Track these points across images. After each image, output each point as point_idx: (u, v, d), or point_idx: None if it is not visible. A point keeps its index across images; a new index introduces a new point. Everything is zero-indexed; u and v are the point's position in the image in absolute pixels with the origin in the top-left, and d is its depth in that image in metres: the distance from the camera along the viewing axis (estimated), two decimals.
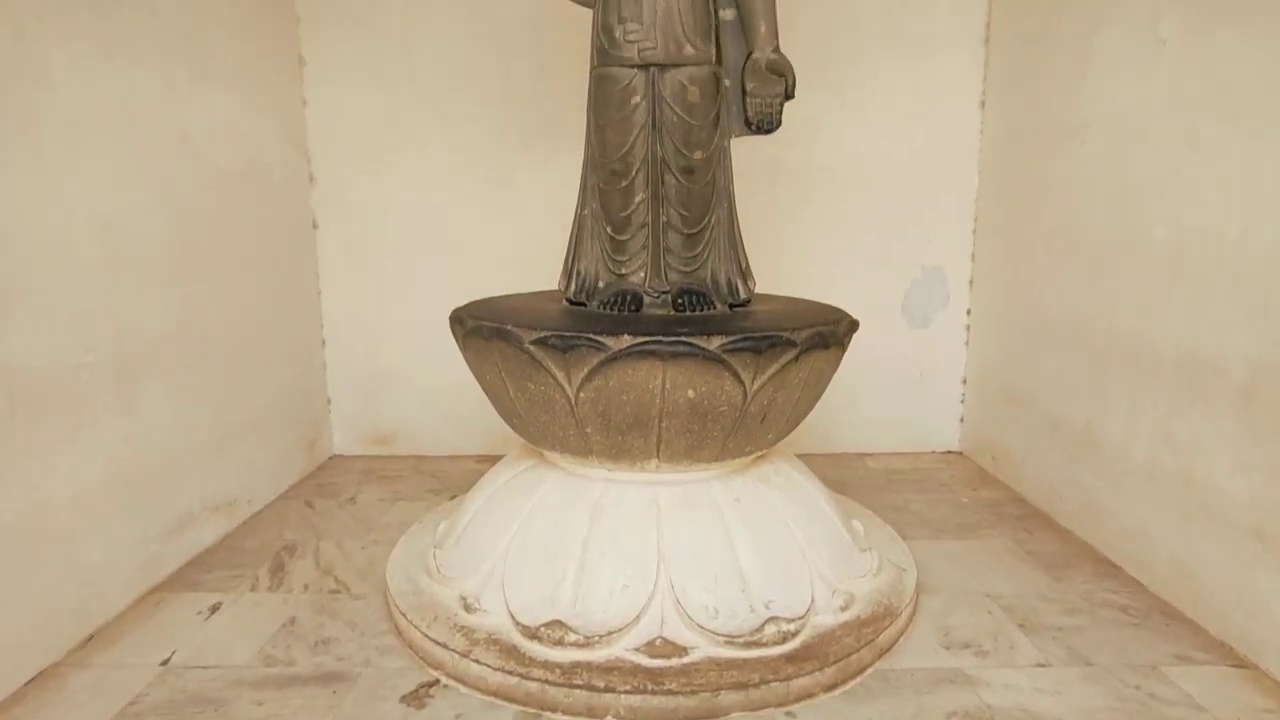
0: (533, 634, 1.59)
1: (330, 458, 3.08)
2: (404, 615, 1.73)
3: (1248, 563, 1.70)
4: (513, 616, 1.63)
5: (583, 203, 1.89)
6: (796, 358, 1.60)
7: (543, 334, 1.55)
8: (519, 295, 2.12)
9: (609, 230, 1.82)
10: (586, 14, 1.88)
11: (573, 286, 1.88)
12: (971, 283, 3.04)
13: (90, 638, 1.77)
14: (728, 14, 1.83)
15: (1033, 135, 2.59)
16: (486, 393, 1.82)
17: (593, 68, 1.79)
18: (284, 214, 2.73)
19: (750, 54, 1.80)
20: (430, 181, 2.92)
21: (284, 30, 2.74)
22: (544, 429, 1.70)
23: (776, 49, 1.80)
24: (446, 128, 2.89)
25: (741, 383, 1.55)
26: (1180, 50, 1.91)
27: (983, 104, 2.92)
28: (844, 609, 1.71)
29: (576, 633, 1.58)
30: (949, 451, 3.16)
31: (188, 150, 2.15)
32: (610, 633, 1.58)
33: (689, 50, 1.71)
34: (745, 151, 2.04)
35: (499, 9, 2.78)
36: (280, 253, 2.71)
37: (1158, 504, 1.99)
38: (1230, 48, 1.75)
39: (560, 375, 1.56)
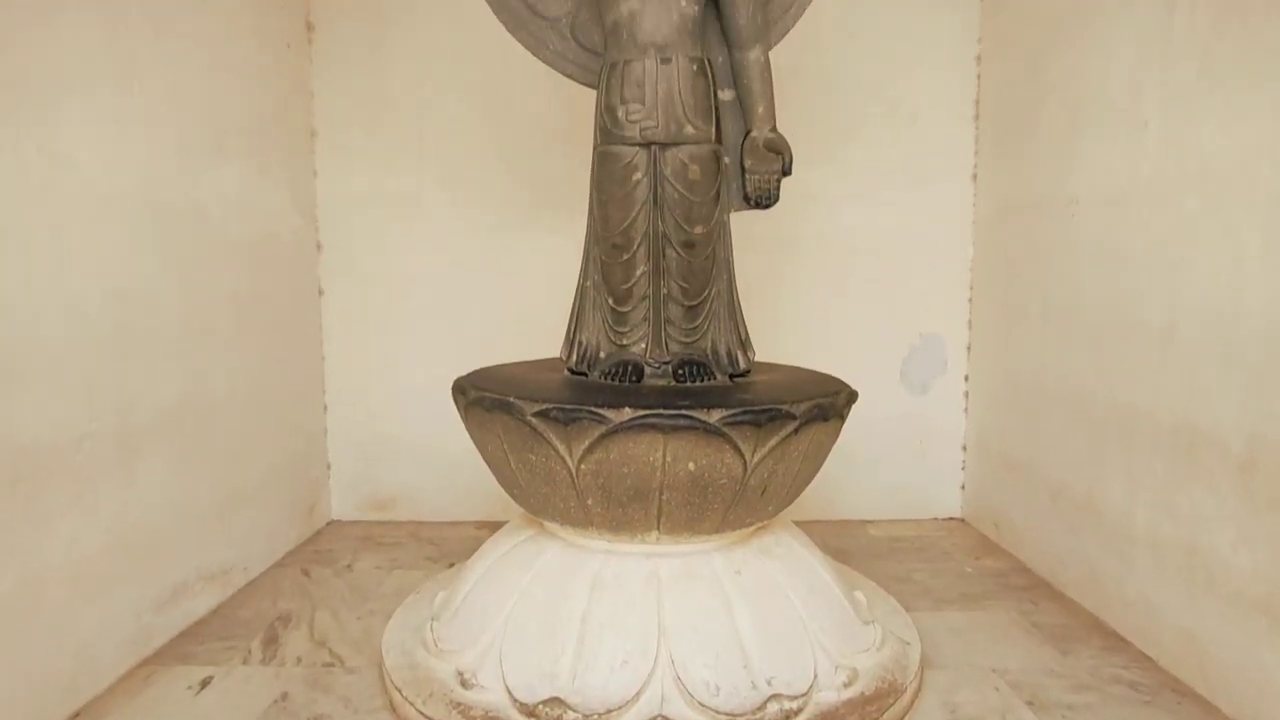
0: (530, 712, 1.56)
1: (328, 523, 3.05)
2: (399, 690, 1.69)
3: (1257, 638, 1.67)
4: (510, 693, 1.60)
5: (585, 274, 1.92)
6: (796, 430, 1.61)
7: (544, 406, 1.56)
8: (521, 364, 2.14)
9: (611, 302, 1.85)
10: (590, 91, 1.96)
11: (574, 356, 1.91)
12: (969, 349, 3.07)
13: (77, 714, 1.73)
14: (726, 95, 1.90)
15: (1024, 208, 2.66)
16: (488, 463, 1.82)
17: (596, 145, 1.85)
18: (291, 281, 2.78)
19: (749, 133, 1.87)
20: (435, 249, 2.98)
21: (297, 104, 2.83)
22: (545, 500, 1.70)
23: (774, 128, 1.87)
24: (452, 197, 2.96)
25: (742, 455, 1.56)
26: (1162, 131, 1.97)
27: (974, 176, 3.00)
28: (847, 685, 1.68)
29: (575, 710, 1.55)
30: (950, 518, 3.14)
31: (201, 221, 2.21)
32: (610, 710, 1.54)
33: (689, 130, 1.77)
34: (744, 222, 2.09)
35: (505, 84, 2.88)
36: (286, 319, 2.74)
37: (1163, 576, 1.97)
38: (1209, 129, 1.82)
39: (562, 447, 1.57)
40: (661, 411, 1.52)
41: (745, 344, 1.94)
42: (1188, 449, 1.88)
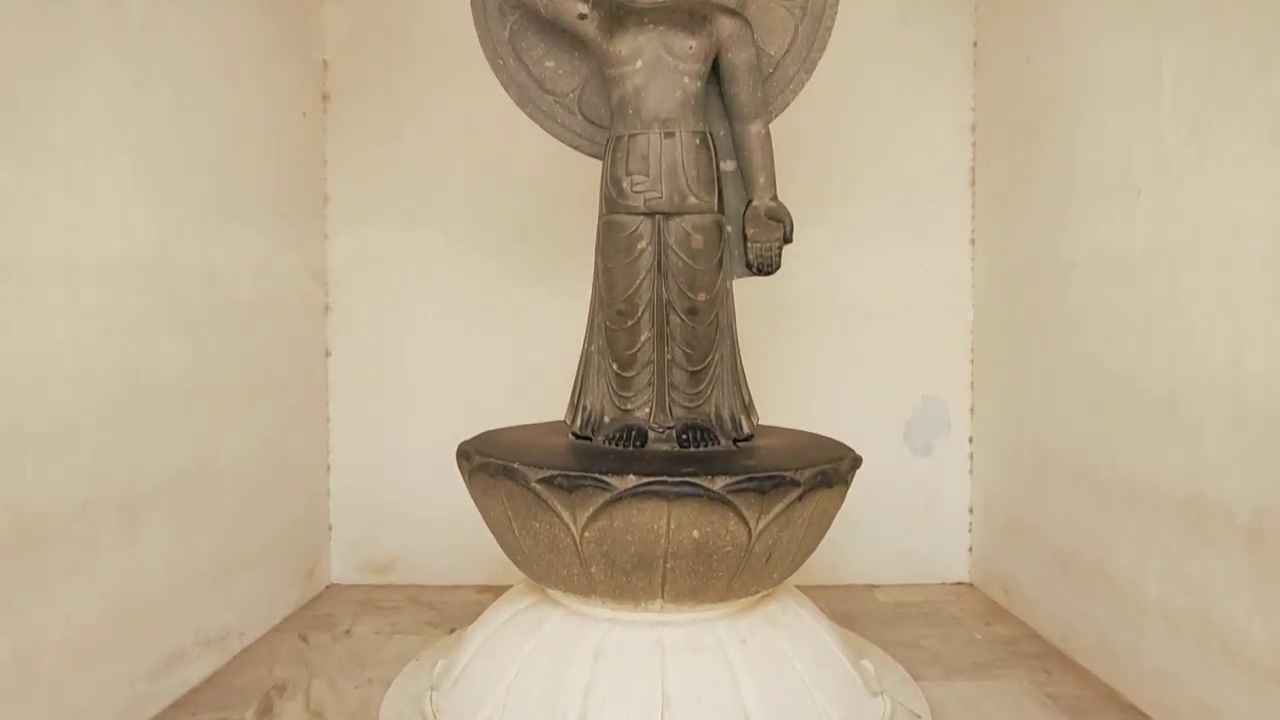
0: None
1: (328, 586, 3.02)
2: None
3: (1277, 711, 1.63)
4: None
5: (590, 339, 1.95)
6: (800, 497, 1.61)
7: (549, 473, 1.56)
8: (525, 427, 2.15)
9: (615, 367, 1.87)
10: (595, 160, 2.01)
11: (579, 421, 1.92)
12: (972, 411, 3.07)
13: None
14: (728, 165, 1.96)
15: (1022, 273, 2.70)
16: (491, 529, 1.81)
17: (601, 214, 1.90)
18: (298, 342, 2.81)
19: (750, 202, 1.92)
20: (442, 312, 3.02)
21: (311, 170, 2.91)
22: (548, 567, 1.68)
23: (775, 197, 1.92)
24: (460, 261, 3.02)
25: (746, 523, 1.55)
26: (1154, 199, 2.01)
27: (972, 241, 3.05)
28: None
29: None
30: (959, 583, 3.09)
31: (212, 285, 2.25)
32: None
33: (692, 200, 1.81)
34: (747, 286, 2.12)
35: (513, 153, 2.95)
36: (292, 381, 2.76)
37: (1178, 646, 1.93)
38: (1201, 197, 1.86)
39: (566, 514, 1.56)
40: (665, 479, 1.52)
41: (749, 408, 1.95)
42: (1196, 517, 1.86)
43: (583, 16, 1.84)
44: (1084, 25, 2.33)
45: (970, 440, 3.08)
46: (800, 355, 3.03)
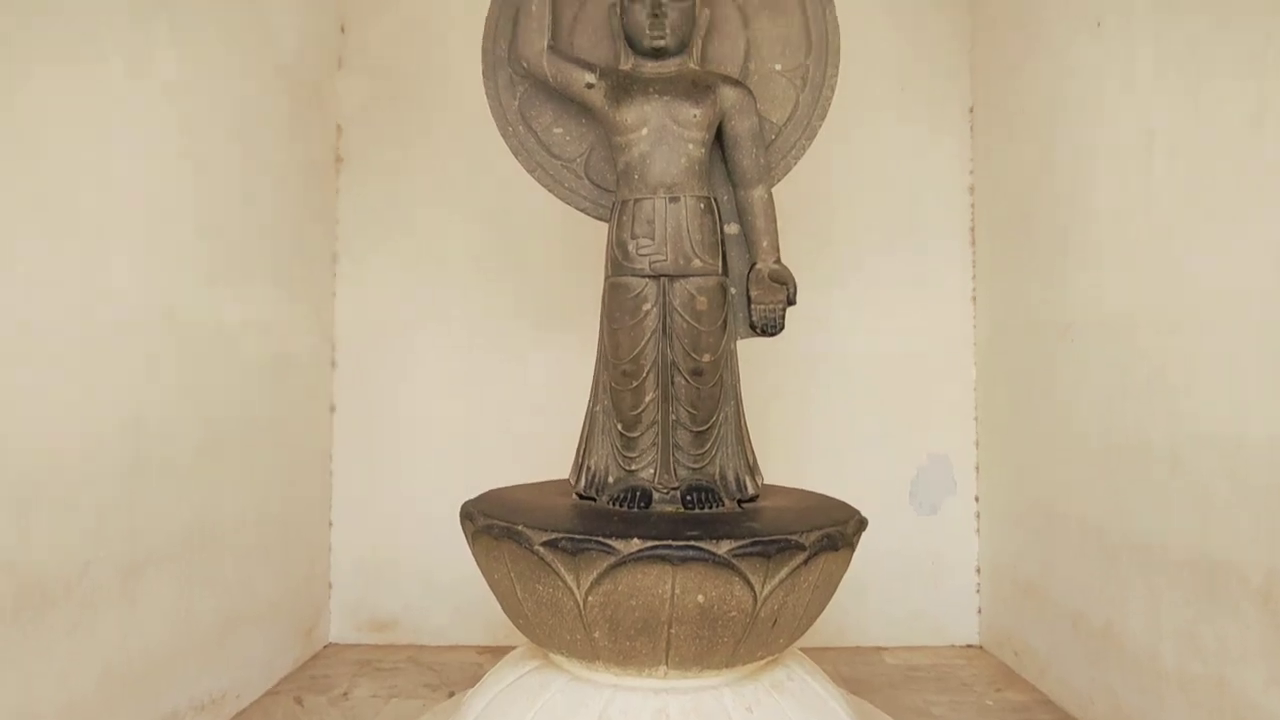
0: None
1: (326, 646, 2.97)
2: None
3: None
4: None
5: (594, 400, 1.95)
6: (806, 561, 1.59)
7: (553, 536, 1.55)
8: (528, 486, 2.14)
9: (620, 427, 1.88)
10: (600, 223, 2.05)
11: (582, 481, 1.91)
12: (978, 469, 3.05)
13: None
14: (732, 229, 1.99)
15: (1022, 330, 2.72)
16: (494, 591, 1.79)
17: (607, 276, 1.92)
18: (304, 398, 2.83)
19: (754, 264, 1.94)
20: (447, 370, 3.05)
21: (322, 229, 2.96)
22: (551, 632, 1.66)
23: (778, 260, 1.94)
24: (466, 320, 3.05)
25: (751, 588, 1.54)
26: (1151, 259, 2.04)
27: (974, 299, 3.07)
28: None
29: None
30: (968, 645, 3.03)
31: (220, 343, 2.27)
32: None
33: (697, 263, 1.84)
34: (750, 346, 2.14)
35: (520, 215, 3.00)
36: (297, 437, 2.77)
37: (1194, 716, 1.88)
38: (1198, 258, 1.88)
39: (569, 578, 1.55)
40: (670, 543, 1.51)
41: (753, 469, 1.95)
42: (1207, 580, 1.84)
43: (590, 86, 1.90)
44: (1077, 89, 2.40)
45: (976, 499, 3.05)
46: (804, 414, 3.03)
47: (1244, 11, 1.74)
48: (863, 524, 1.83)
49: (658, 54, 1.92)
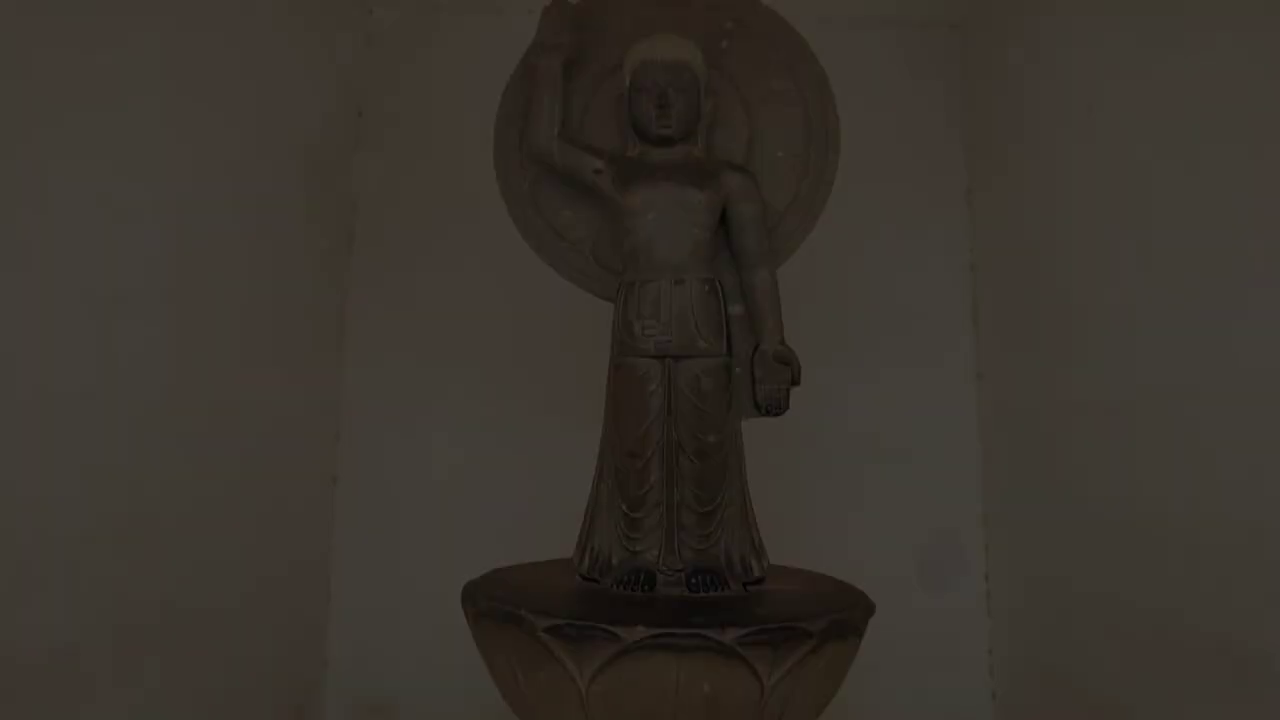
0: None
1: None
2: None
3: None
4: None
5: (599, 480, 1.95)
6: (814, 649, 1.56)
7: (556, 621, 1.53)
8: (533, 566, 2.12)
9: (624, 508, 1.86)
10: (605, 303, 2.08)
11: (586, 563, 1.89)
12: (987, 549, 3.01)
13: None
14: (736, 309, 2.01)
15: (1028, 411, 2.72)
16: (493, 676, 1.75)
17: (612, 357, 1.95)
18: (305, 470, 2.82)
19: (758, 345, 1.96)
20: (451, 444, 3.04)
21: (331, 305, 3.01)
22: None
23: (782, 340, 1.97)
24: (471, 397, 3.06)
25: (758, 677, 1.50)
26: (1154, 340, 2.05)
27: (979, 376, 3.08)
28: None
29: None
30: None
31: (226, 422, 2.28)
32: None
33: (701, 344, 1.86)
34: (755, 427, 2.14)
35: (527, 294, 3.00)
36: (296, 509, 2.75)
37: None
38: (1206, 339, 1.88)
39: (572, 666, 1.52)
40: (675, 630, 1.48)
41: (759, 551, 1.93)
42: (1232, 665, 1.78)
43: (598, 172, 1.96)
44: (1070, 168, 2.45)
45: (986, 578, 3.00)
46: (809, 494, 3.00)
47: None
48: (870, 609, 1.80)
49: (664, 141, 1.98)
